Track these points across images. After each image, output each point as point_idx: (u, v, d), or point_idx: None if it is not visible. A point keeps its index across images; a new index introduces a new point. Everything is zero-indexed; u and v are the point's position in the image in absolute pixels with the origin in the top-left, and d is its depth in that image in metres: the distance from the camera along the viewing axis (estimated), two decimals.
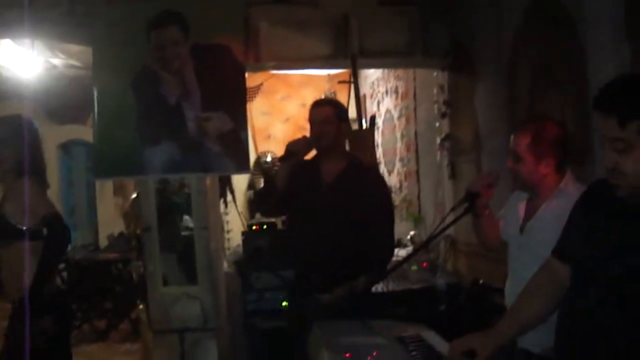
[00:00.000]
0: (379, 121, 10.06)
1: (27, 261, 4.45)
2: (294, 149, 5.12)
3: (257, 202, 5.72)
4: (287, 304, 5.25)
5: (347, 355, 3.04)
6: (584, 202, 2.90)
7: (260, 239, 5.16)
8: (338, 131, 5.12)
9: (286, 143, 5.32)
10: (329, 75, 10.03)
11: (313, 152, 5.27)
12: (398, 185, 9.15)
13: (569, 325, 2.76)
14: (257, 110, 12.05)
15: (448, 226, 3.95)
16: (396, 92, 9.17)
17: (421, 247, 4.66)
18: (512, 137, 3.79)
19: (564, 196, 3.56)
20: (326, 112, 5.12)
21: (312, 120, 5.19)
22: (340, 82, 9.74)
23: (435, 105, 7.15)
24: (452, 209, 3.91)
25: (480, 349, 2.85)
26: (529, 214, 3.94)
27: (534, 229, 3.81)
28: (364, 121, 7.44)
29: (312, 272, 4.95)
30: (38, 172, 4.79)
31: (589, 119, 4.18)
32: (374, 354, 3.06)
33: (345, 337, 3.36)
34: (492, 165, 5.80)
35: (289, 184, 5.11)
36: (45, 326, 4.50)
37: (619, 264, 2.56)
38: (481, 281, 5.69)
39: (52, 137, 12.08)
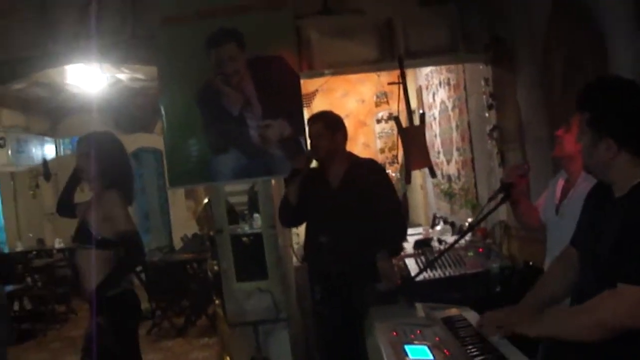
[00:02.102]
0: (435, 112, 10.26)
1: (95, 267, 4.85)
2: (297, 167, 5.52)
3: (279, 216, 6.04)
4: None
5: (394, 334, 3.34)
6: (590, 192, 3.29)
7: (321, 235, 5.51)
8: (333, 142, 5.54)
9: (349, 138, 5.73)
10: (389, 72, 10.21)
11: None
12: (456, 173, 9.28)
13: (572, 302, 3.18)
14: (319, 109, 12.32)
15: (486, 215, 4.33)
16: (448, 84, 9.31)
17: (463, 235, 4.96)
18: None
19: (591, 179, 3.70)
20: (318, 128, 5.58)
21: (308, 136, 5.65)
22: (390, 83, 9.91)
23: (484, 97, 7.36)
24: (490, 199, 4.28)
25: (506, 322, 3.23)
26: (564, 195, 4.25)
27: (567, 210, 4.08)
28: (416, 116, 7.64)
29: (340, 266, 5.38)
30: (123, 185, 5.15)
31: None
32: (418, 332, 3.37)
33: (394, 319, 3.60)
34: (536, 152, 6.09)
35: (301, 197, 5.51)
36: (110, 324, 4.88)
37: (600, 251, 2.94)
38: (531, 263, 5.98)
39: None
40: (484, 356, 3.04)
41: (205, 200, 8.37)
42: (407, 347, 3.13)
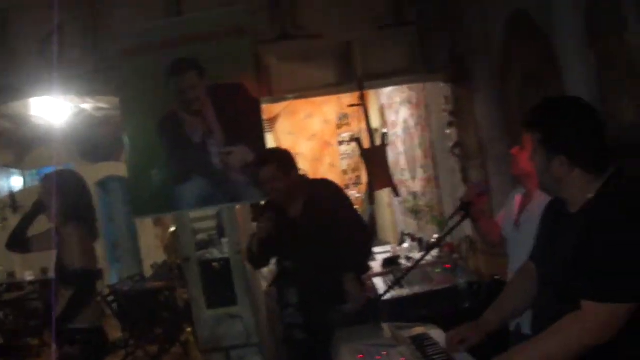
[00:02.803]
0: (399, 130, 10.33)
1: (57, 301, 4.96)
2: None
3: (248, 259, 6.02)
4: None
5: (360, 356, 3.38)
6: (546, 207, 3.35)
7: (288, 260, 5.53)
8: (288, 182, 5.33)
9: (314, 159, 5.70)
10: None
11: None
12: (421, 190, 9.35)
13: (534, 319, 3.25)
14: (282, 132, 12.37)
15: (446, 234, 4.41)
16: (410, 102, 9.38)
17: (426, 253, 5.01)
18: None
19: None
20: (271, 171, 5.31)
21: (261, 181, 5.40)
22: (350, 105, 10.03)
23: (444, 115, 7.43)
24: (451, 218, 4.35)
25: (469, 337, 3.33)
26: (522, 210, 4.32)
27: (525, 224, 4.16)
28: (378, 136, 7.69)
29: (312, 292, 5.40)
30: (84, 221, 5.20)
31: None
32: (384, 353, 3.41)
33: (360, 340, 3.65)
34: (497, 168, 6.16)
35: (267, 243, 5.43)
36: (71, 353, 4.92)
37: (557, 265, 3.00)
38: (497, 277, 6.03)
39: (87, 176, 12.34)
40: None
41: (172, 229, 8.39)
42: None
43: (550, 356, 2.90)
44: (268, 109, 11.11)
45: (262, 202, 5.71)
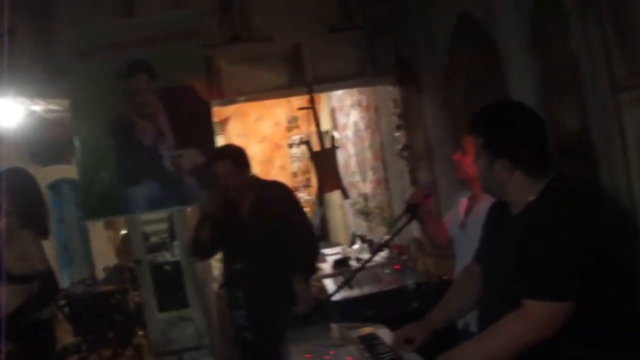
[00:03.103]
0: (349, 132, 10.40)
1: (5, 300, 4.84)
2: (209, 211, 5.44)
3: (192, 252, 6.04)
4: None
5: (308, 356, 3.43)
6: (490, 209, 3.42)
7: (236, 263, 5.56)
8: (241, 178, 5.41)
9: (264, 162, 5.71)
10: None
11: None
12: (372, 192, 9.44)
13: (479, 319, 3.32)
14: (233, 134, 12.36)
15: (394, 235, 4.47)
16: (360, 105, 9.48)
17: (373, 254, 5.10)
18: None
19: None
20: (225, 166, 5.38)
21: (215, 175, 5.44)
22: (299, 108, 10.05)
23: (393, 118, 7.51)
24: (398, 219, 4.41)
25: (416, 337, 3.39)
26: (468, 212, 4.41)
27: (470, 226, 4.23)
28: (328, 139, 7.74)
29: (261, 293, 5.44)
30: (36, 221, 5.16)
31: None
32: (332, 352, 3.46)
33: (309, 341, 3.70)
34: (445, 170, 6.23)
35: (214, 230, 5.46)
36: (13, 350, 4.82)
37: (500, 266, 3.07)
38: (445, 277, 6.12)
39: (39, 179, 12.14)
40: None
41: (123, 231, 8.36)
42: None
43: (492, 354, 2.95)
44: (218, 112, 11.07)
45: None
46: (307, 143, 7.40)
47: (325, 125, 11.36)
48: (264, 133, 13.22)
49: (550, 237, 2.86)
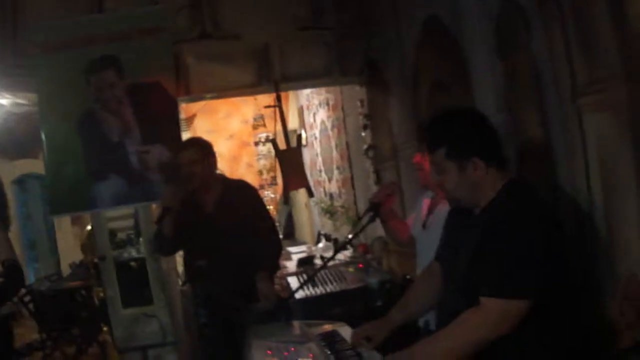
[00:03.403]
0: (316, 131, 10.44)
1: None
2: (168, 205, 5.35)
3: (154, 248, 6.05)
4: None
5: (269, 352, 3.46)
6: (452, 209, 3.47)
7: (199, 259, 5.56)
8: (205, 169, 5.44)
9: (232, 159, 5.71)
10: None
11: None
12: (337, 191, 9.49)
13: (438, 317, 3.39)
14: (201, 129, 12.35)
15: (356, 234, 4.51)
16: (327, 104, 9.52)
17: (335, 252, 5.08)
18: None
19: None
20: (191, 155, 5.41)
21: (180, 163, 5.46)
22: (266, 106, 10.09)
23: (360, 117, 7.55)
24: (360, 218, 4.45)
25: (375, 335, 3.43)
26: (431, 211, 4.46)
27: (432, 225, 4.29)
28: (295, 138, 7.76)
29: (220, 289, 5.46)
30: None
31: None
32: (292, 349, 3.49)
33: (270, 338, 3.73)
34: (409, 170, 6.27)
35: (176, 225, 5.42)
36: None
37: (460, 265, 3.13)
38: (408, 276, 6.16)
39: (5, 173, 12.09)
40: None
41: (88, 227, 8.34)
42: None
43: (450, 349, 3.00)
44: (185, 108, 11.12)
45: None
46: (272, 141, 7.42)
47: (293, 123, 11.40)
48: (232, 130, 13.25)
49: (508, 236, 2.91)
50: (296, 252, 8.48)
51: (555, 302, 2.96)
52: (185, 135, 7.30)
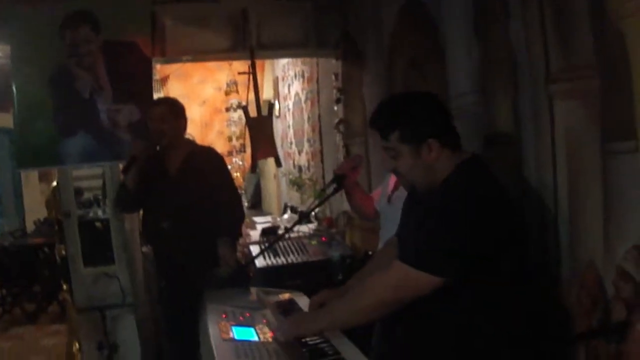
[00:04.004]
0: (290, 103, 10.45)
1: None
2: (136, 154, 5.45)
3: (115, 202, 6.08)
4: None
5: (224, 315, 3.47)
6: (410, 190, 3.53)
7: (161, 221, 5.57)
8: (175, 127, 5.54)
9: (203, 125, 5.73)
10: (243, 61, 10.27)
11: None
12: (307, 164, 9.52)
13: None
14: (174, 94, 12.24)
15: (318, 205, 4.51)
16: (303, 76, 9.52)
17: (296, 222, 5.12)
18: None
19: None
20: (162, 111, 5.51)
21: (150, 119, 5.55)
22: (240, 73, 10.06)
23: (334, 91, 7.55)
24: (323, 190, 4.46)
25: (329, 301, 3.45)
26: (397, 187, 4.45)
27: (397, 200, 4.23)
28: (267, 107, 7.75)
29: (175, 252, 5.48)
30: None
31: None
32: (247, 314, 3.52)
33: (226, 302, 3.76)
34: (378, 148, 6.27)
35: (139, 182, 5.48)
36: None
37: (407, 241, 3.21)
38: (370, 252, 6.17)
39: None
40: (309, 338, 3.16)
41: (54, 184, 8.27)
42: (234, 329, 3.26)
43: (356, 309, 3.10)
44: (159, 70, 11.06)
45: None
46: (244, 108, 7.40)
47: (268, 94, 11.39)
48: (205, 96, 13.21)
49: (445, 212, 2.96)
50: (261, 222, 8.50)
51: (495, 286, 3.00)
52: (157, 97, 7.22)
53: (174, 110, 5.60)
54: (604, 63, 3.08)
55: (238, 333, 3.21)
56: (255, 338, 3.17)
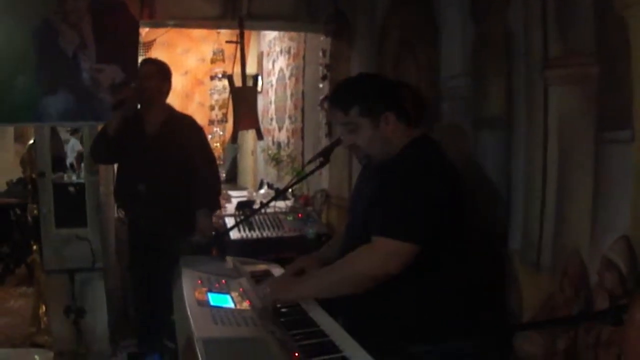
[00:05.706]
0: (273, 79, 10.40)
1: None
2: (122, 97, 5.60)
3: (91, 149, 6.04)
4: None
5: (199, 282, 3.44)
6: (364, 163, 3.70)
7: (136, 183, 5.54)
8: (159, 87, 5.67)
9: (184, 96, 5.74)
10: (230, 31, 10.20)
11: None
12: (286, 141, 9.47)
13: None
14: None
15: (300, 180, 4.51)
16: (289, 52, 9.45)
17: (276, 196, 5.15)
18: None
19: None
20: (149, 70, 5.69)
21: (139, 76, 5.73)
22: (227, 42, 10.01)
23: (320, 68, 7.50)
24: (309, 162, 4.42)
25: (307, 267, 3.65)
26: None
27: None
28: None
29: (150, 216, 5.43)
30: None
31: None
32: (223, 282, 3.50)
33: (202, 268, 3.75)
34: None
35: (117, 136, 5.49)
36: None
37: (359, 213, 3.41)
38: None
39: None
40: (285, 308, 3.18)
41: (31, 142, 8.16)
42: (209, 295, 3.23)
43: (337, 282, 3.23)
44: (145, 34, 10.97)
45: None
46: (229, 77, 7.37)
47: (251, 69, 11.30)
48: (187, 67, 13.12)
49: (404, 183, 3.18)
50: (237, 196, 8.45)
51: (444, 256, 3.22)
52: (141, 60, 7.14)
53: (162, 71, 5.76)
54: (603, 50, 3.05)
55: (214, 299, 3.19)
56: (231, 305, 3.16)
